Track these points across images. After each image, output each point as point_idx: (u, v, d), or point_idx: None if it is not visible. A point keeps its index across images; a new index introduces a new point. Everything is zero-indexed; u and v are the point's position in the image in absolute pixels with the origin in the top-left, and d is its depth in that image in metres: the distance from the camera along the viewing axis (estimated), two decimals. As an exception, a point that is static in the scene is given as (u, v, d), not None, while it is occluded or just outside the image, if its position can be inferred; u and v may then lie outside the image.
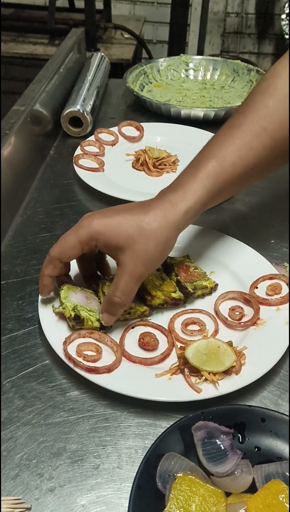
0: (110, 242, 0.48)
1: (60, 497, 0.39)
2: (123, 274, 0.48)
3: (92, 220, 0.49)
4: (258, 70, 1.13)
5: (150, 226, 0.48)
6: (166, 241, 0.49)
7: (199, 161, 0.53)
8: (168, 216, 0.49)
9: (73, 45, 1.10)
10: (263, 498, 0.37)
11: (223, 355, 0.47)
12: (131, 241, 0.47)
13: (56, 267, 0.51)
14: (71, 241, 0.50)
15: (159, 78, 1.17)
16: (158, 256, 0.50)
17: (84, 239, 0.49)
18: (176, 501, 0.37)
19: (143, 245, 0.48)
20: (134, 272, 0.48)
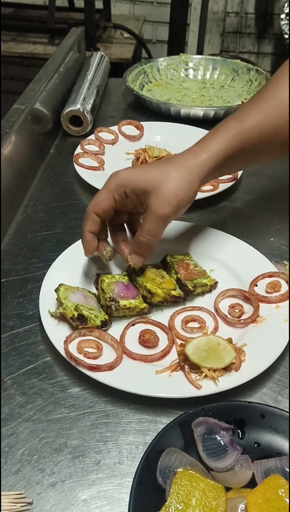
0: (137, 186, 0.52)
1: (61, 492, 0.40)
2: (148, 215, 0.51)
3: (119, 172, 0.54)
4: (257, 69, 1.14)
5: (173, 171, 0.52)
6: (188, 185, 0.52)
7: (221, 123, 0.58)
8: (190, 163, 0.53)
9: (73, 44, 1.11)
10: (262, 493, 0.37)
11: (223, 352, 0.47)
12: (156, 184, 0.51)
13: (94, 221, 0.54)
14: (103, 192, 0.54)
15: (159, 78, 1.17)
16: (181, 198, 0.52)
17: (114, 187, 0.53)
18: (176, 495, 0.37)
19: (168, 187, 0.51)
20: (158, 212, 0.51)
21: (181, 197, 0.52)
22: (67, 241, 0.65)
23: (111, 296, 0.52)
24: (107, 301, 0.51)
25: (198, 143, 0.56)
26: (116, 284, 0.54)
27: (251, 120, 0.56)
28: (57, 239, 0.68)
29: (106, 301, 0.52)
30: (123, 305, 0.51)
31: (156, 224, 0.52)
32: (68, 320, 0.51)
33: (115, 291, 0.53)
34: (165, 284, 0.55)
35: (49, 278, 0.57)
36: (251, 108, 0.58)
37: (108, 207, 0.54)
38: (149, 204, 0.51)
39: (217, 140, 0.55)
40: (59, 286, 0.53)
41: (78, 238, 0.64)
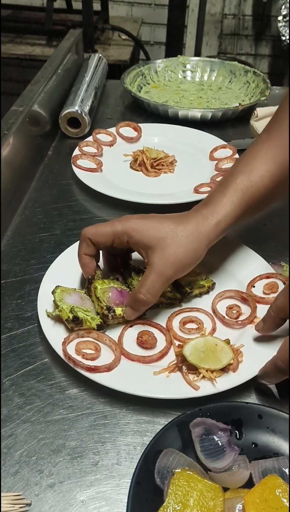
0: (143, 240, 0.51)
1: (59, 493, 0.40)
2: (151, 273, 0.50)
3: (130, 218, 0.53)
4: (255, 71, 1.14)
5: (183, 234, 0.51)
6: (196, 250, 0.51)
7: (228, 178, 0.56)
8: (200, 227, 0.52)
9: (71, 46, 1.11)
10: (260, 493, 0.37)
11: (220, 353, 0.47)
12: (163, 243, 0.50)
13: (89, 245, 0.54)
14: (106, 229, 0.53)
15: (157, 79, 1.18)
16: (187, 263, 0.51)
17: (118, 232, 0.52)
18: (174, 496, 0.37)
19: (174, 249, 0.50)
20: (162, 272, 0.50)
21: (186, 261, 0.51)
22: (65, 243, 0.65)
23: (108, 305, 0.51)
24: (104, 310, 0.51)
25: (207, 203, 0.54)
26: (110, 290, 0.53)
27: (258, 171, 0.54)
28: (55, 240, 0.68)
29: (102, 310, 0.51)
30: (118, 314, 0.51)
31: (158, 284, 0.50)
32: (65, 323, 0.51)
33: (110, 298, 0.52)
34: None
35: (47, 279, 0.57)
36: (256, 155, 0.56)
37: (104, 243, 0.53)
38: (153, 262, 0.50)
39: (225, 202, 0.53)
40: (55, 288, 0.53)
41: (76, 239, 0.64)
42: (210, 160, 0.85)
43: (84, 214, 0.74)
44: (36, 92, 0.88)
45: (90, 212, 0.74)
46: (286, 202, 0.76)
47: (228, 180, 0.55)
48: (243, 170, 0.55)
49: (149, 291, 0.50)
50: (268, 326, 0.49)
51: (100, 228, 0.53)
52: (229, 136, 0.95)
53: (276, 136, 0.56)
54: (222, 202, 0.54)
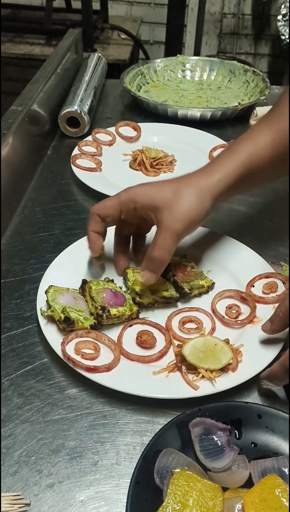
0: (149, 202, 0.53)
1: (59, 493, 0.40)
2: (161, 231, 0.52)
3: (132, 187, 0.55)
4: (254, 70, 1.14)
5: (185, 190, 0.53)
6: (200, 204, 0.52)
7: (234, 143, 0.58)
8: (201, 183, 0.54)
9: (70, 45, 1.11)
10: (259, 493, 0.37)
11: (220, 353, 0.47)
12: (167, 201, 0.52)
13: (97, 222, 0.55)
14: (111, 200, 0.55)
15: (156, 79, 1.17)
16: (193, 216, 0.52)
17: (124, 200, 0.54)
18: (173, 496, 0.37)
19: (179, 205, 0.52)
20: (171, 228, 0.51)
21: (193, 215, 0.52)
22: (64, 242, 0.65)
23: (102, 305, 0.51)
24: (98, 310, 0.51)
25: (211, 162, 0.56)
26: (104, 291, 0.53)
27: (264, 139, 0.56)
28: (55, 240, 0.68)
29: (96, 310, 0.51)
30: (113, 314, 0.51)
31: (169, 239, 0.52)
32: (56, 323, 0.50)
33: (105, 299, 0.52)
34: (154, 285, 0.54)
35: (46, 279, 0.57)
36: (263, 126, 0.58)
37: (111, 214, 0.55)
38: (161, 220, 0.52)
39: (230, 160, 0.55)
40: (48, 288, 0.53)
41: (75, 239, 0.65)
42: (210, 159, 0.85)
43: (83, 214, 0.73)
44: (36, 91, 0.88)
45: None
46: (286, 201, 0.76)
47: (233, 144, 0.58)
48: (248, 137, 0.57)
49: (161, 248, 0.51)
50: (276, 326, 0.49)
51: (106, 202, 0.55)
52: (228, 135, 0.95)
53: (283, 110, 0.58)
54: (226, 160, 0.56)
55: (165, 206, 0.52)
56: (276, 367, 0.46)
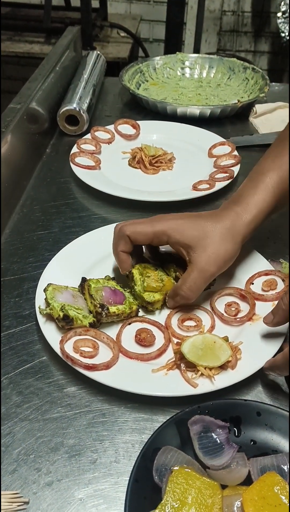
0: (183, 240, 0.53)
1: (57, 491, 0.40)
2: (193, 271, 0.52)
3: (168, 219, 0.54)
4: (254, 68, 1.14)
5: (219, 231, 0.53)
6: (233, 247, 0.53)
7: (258, 174, 0.58)
8: (236, 225, 0.54)
9: (69, 43, 1.11)
10: (258, 490, 0.37)
11: (219, 350, 0.47)
12: (203, 242, 0.52)
13: (127, 243, 0.54)
14: (146, 229, 0.54)
15: (155, 76, 1.17)
16: (227, 260, 0.53)
17: (158, 232, 0.53)
18: (172, 493, 0.37)
19: (215, 248, 0.52)
20: (204, 270, 0.52)
21: (226, 259, 0.53)
22: (63, 240, 0.65)
23: (101, 303, 0.51)
24: (97, 307, 0.51)
25: (239, 201, 0.56)
26: (104, 289, 0.53)
27: (287, 167, 0.56)
28: (54, 238, 0.68)
29: (95, 307, 0.51)
30: (112, 312, 0.51)
31: (201, 281, 0.52)
32: (55, 321, 0.50)
33: (104, 297, 0.52)
34: (165, 287, 0.54)
35: (45, 277, 0.57)
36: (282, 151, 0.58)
37: (143, 242, 0.55)
38: (195, 260, 0.52)
39: (257, 200, 0.56)
40: (47, 286, 0.53)
41: (74, 237, 0.65)
42: (209, 157, 0.84)
43: (82, 212, 0.73)
44: (34, 89, 0.88)
45: (89, 210, 0.74)
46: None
47: (257, 178, 0.57)
48: (272, 168, 0.57)
49: (190, 289, 0.52)
50: (278, 319, 0.49)
51: (139, 228, 0.54)
52: (228, 133, 0.94)
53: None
54: (254, 200, 0.55)
55: (200, 247, 0.52)
56: (279, 358, 0.46)
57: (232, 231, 0.53)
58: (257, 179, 0.57)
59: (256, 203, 0.55)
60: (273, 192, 0.56)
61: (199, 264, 0.52)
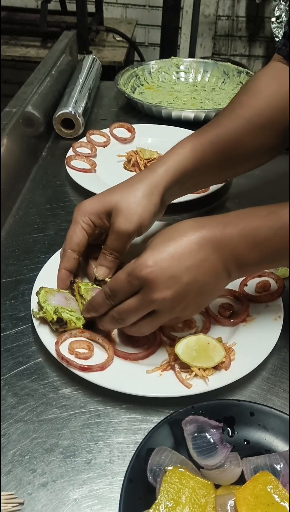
0: (100, 209, 0.54)
1: (52, 491, 0.40)
2: (111, 233, 0.53)
3: (82, 202, 0.56)
4: (248, 72, 1.15)
5: (131, 188, 0.54)
6: (147, 199, 0.53)
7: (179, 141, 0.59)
8: (148, 178, 0.55)
9: (65, 47, 1.11)
10: (251, 489, 0.38)
11: (212, 351, 0.48)
12: (116, 203, 0.53)
13: (70, 259, 0.55)
14: (72, 228, 0.55)
15: (151, 80, 1.18)
16: (141, 213, 0.53)
17: (80, 218, 0.55)
18: (166, 493, 0.37)
19: (126, 204, 0.53)
20: (119, 229, 0.52)
21: (140, 212, 0.53)
22: (59, 243, 0.65)
23: None
24: None
25: (157, 160, 0.58)
26: (93, 290, 0.53)
27: (209, 135, 0.58)
28: (49, 241, 0.68)
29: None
30: None
31: (118, 242, 0.53)
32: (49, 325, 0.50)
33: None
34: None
35: (41, 280, 0.57)
36: (209, 124, 0.60)
37: (79, 240, 0.55)
38: (112, 222, 0.53)
39: (173, 154, 0.57)
40: (39, 290, 0.53)
41: (70, 240, 0.65)
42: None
43: (77, 215, 0.74)
44: (30, 93, 0.88)
45: (84, 213, 0.74)
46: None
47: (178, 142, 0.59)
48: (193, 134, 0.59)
49: (112, 249, 0.53)
50: None
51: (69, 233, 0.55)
52: (222, 136, 0.95)
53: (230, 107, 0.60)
54: (170, 155, 0.57)
55: (114, 208, 0.53)
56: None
57: (145, 184, 0.54)
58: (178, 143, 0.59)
59: (171, 157, 0.56)
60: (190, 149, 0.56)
61: (115, 224, 0.52)
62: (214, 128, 0.58)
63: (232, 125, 0.57)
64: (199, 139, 0.58)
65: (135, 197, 0.53)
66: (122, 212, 0.52)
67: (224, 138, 0.57)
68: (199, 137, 0.58)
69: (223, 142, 0.57)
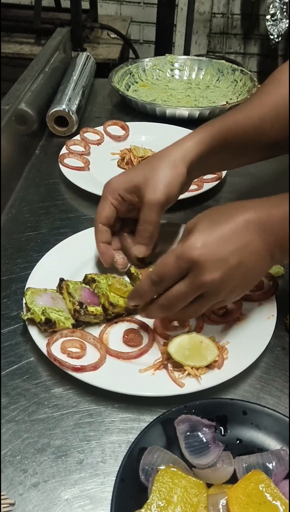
0: (128, 185, 0.55)
1: (43, 492, 0.40)
2: (143, 206, 0.55)
3: (110, 179, 0.58)
4: (242, 70, 1.15)
5: (158, 162, 0.55)
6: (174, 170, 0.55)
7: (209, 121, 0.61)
8: (174, 152, 0.56)
9: (58, 44, 1.10)
10: (243, 488, 0.37)
11: (205, 350, 0.48)
12: (144, 178, 0.55)
13: (103, 232, 0.57)
14: (101, 203, 0.57)
15: (145, 78, 1.17)
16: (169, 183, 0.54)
17: (109, 194, 0.56)
18: (158, 493, 0.37)
19: (154, 177, 0.54)
20: (150, 200, 0.54)
21: (168, 182, 0.54)
22: (52, 242, 0.65)
23: (80, 301, 0.51)
24: (75, 305, 0.51)
25: (184, 137, 0.58)
26: (82, 289, 0.53)
27: (234, 117, 0.59)
28: (42, 239, 0.68)
29: (74, 305, 0.51)
30: (90, 311, 0.51)
31: (151, 212, 0.54)
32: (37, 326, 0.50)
33: (82, 296, 0.52)
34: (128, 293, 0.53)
35: (33, 278, 0.57)
36: (236, 109, 0.61)
37: (109, 214, 0.57)
38: (141, 196, 0.54)
39: (201, 131, 0.58)
40: (26, 291, 0.52)
41: (63, 238, 0.65)
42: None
43: (71, 213, 0.73)
44: (23, 90, 0.87)
45: (77, 211, 0.74)
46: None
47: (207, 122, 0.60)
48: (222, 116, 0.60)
49: (146, 221, 0.55)
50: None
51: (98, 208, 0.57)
52: (216, 134, 0.95)
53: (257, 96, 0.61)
54: (198, 132, 0.58)
55: (143, 183, 0.54)
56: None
57: (171, 158, 0.55)
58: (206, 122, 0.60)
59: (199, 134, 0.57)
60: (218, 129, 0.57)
61: (145, 197, 0.54)
62: (240, 112, 0.60)
63: (257, 111, 0.58)
64: (225, 120, 0.59)
65: (162, 170, 0.54)
66: (149, 184, 0.54)
67: (248, 122, 0.58)
68: (225, 118, 0.59)
69: (247, 126, 0.58)
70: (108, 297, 0.52)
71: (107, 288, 0.53)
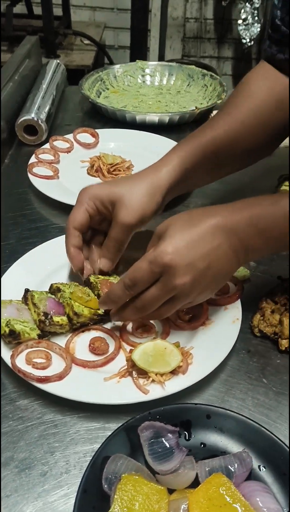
0: (105, 198, 0.56)
1: (6, 507, 0.39)
2: (114, 223, 0.55)
3: (89, 187, 0.58)
4: (212, 75, 1.16)
5: (136, 184, 0.57)
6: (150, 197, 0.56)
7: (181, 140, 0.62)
8: (152, 177, 0.58)
9: (27, 52, 1.10)
10: (204, 492, 0.38)
11: (169, 356, 0.48)
12: (121, 195, 0.55)
13: (75, 236, 0.57)
14: (76, 207, 0.57)
15: (116, 84, 1.18)
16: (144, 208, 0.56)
17: (85, 201, 0.57)
18: (120, 501, 0.38)
19: (131, 199, 0.55)
20: (123, 221, 0.55)
21: (143, 208, 0.55)
22: (20, 252, 0.65)
23: (44, 311, 0.51)
24: (40, 316, 0.51)
25: (160, 159, 0.60)
26: (47, 299, 0.53)
27: (206, 137, 0.61)
28: (10, 250, 0.67)
29: (39, 316, 0.51)
30: (56, 321, 0.51)
31: (121, 233, 0.55)
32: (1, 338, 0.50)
33: (47, 306, 0.52)
34: (91, 302, 0.54)
35: (2, 289, 0.56)
36: (208, 126, 0.62)
37: (83, 220, 0.57)
38: (115, 214, 0.55)
39: (175, 155, 0.59)
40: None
41: (31, 248, 0.64)
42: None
43: (40, 222, 0.73)
44: (-10, 100, 0.87)
45: (46, 220, 0.74)
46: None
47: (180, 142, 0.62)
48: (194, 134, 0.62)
49: (115, 240, 0.56)
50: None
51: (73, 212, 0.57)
52: (186, 139, 0.96)
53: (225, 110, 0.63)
54: (172, 155, 0.59)
55: (119, 200, 0.55)
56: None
57: (149, 182, 0.56)
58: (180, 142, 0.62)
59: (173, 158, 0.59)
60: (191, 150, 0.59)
61: (118, 216, 0.54)
62: (211, 130, 0.61)
63: (229, 127, 0.60)
64: (198, 141, 0.60)
65: (139, 194, 0.55)
66: (126, 205, 0.55)
67: (222, 140, 0.60)
68: (197, 139, 0.61)
69: (221, 143, 0.60)
70: (72, 307, 0.52)
71: (71, 296, 0.53)
